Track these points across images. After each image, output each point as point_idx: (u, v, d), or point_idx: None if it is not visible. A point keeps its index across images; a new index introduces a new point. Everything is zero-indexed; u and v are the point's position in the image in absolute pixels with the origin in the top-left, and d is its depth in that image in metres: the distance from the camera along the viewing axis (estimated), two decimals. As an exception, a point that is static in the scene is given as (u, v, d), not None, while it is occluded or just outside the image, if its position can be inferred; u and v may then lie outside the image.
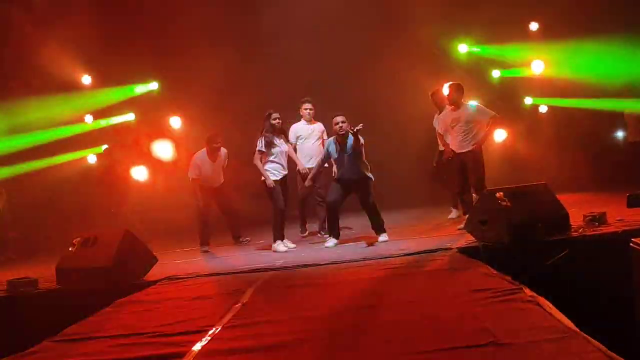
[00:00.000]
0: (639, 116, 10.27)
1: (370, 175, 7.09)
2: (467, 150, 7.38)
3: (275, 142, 7.35)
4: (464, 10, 10.60)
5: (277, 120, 7.40)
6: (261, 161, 7.30)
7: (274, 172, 7.34)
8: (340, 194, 7.09)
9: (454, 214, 8.54)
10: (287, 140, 7.67)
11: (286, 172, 7.54)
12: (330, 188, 7.25)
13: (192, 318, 4.14)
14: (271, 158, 7.33)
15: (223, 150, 8.40)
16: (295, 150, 8.07)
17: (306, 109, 8.25)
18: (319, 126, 8.34)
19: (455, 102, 7.47)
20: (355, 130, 6.70)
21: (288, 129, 8.07)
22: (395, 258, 5.77)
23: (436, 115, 8.36)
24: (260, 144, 7.29)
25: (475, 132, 7.41)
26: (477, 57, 11.29)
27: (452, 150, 7.57)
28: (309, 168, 7.74)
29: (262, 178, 7.28)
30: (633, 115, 10.33)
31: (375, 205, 7.08)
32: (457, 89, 7.50)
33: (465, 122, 7.40)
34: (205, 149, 8.35)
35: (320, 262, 6.02)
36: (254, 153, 7.30)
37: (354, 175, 7.03)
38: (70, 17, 10.39)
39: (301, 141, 8.21)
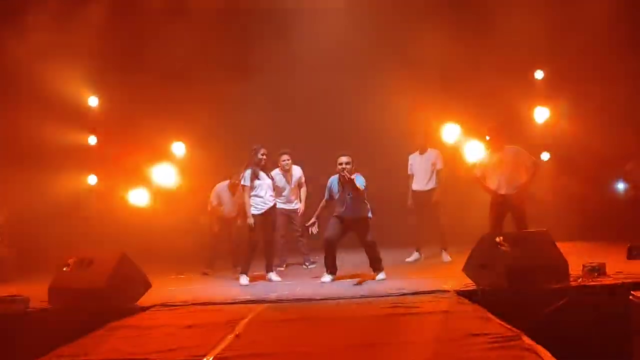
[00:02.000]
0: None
1: (370, 214, 7.09)
2: None
3: (260, 177, 7.45)
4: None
5: (264, 156, 7.55)
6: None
7: (256, 206, 7.44)
8: (338, 231, 7.09)
9: (414, 256, 8.92)
10: (269, 176, 7.77)
11: (271, 204, 7.62)
12: (328, 223, 7.23)
13: (184, 346, 4.07)
14: (254, 192, 7.43)
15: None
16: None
17: (284, 161, 8.64)
18: (296, 172, 8.79)
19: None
20: (349, 178, 6.79)
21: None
22: (392, 297, 5.71)
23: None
24: (244, 178, 7.43)
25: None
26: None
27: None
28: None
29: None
30: (636, 170, 10.37)
31: (375, 244, 7.07)
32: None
33: None
34: (228, 181, 9.01)
35: (316, 297, 5.96)
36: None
37: (355, 215, 7.04)
38: (74, 38, 10.49)
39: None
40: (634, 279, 5.41)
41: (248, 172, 7.46)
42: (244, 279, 7.43)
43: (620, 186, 11.63)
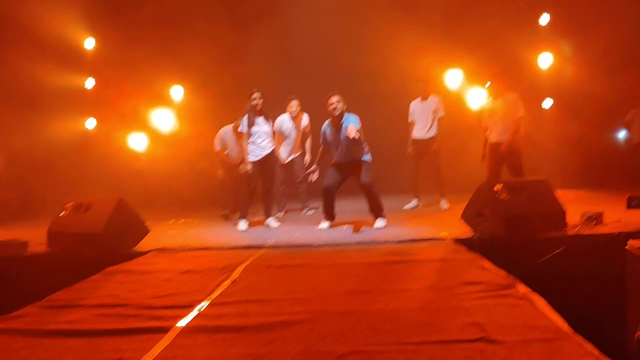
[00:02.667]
0: None
1: (367, 157, 6.99)
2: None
3: (257, 123, 7.33)
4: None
5: (258, 100, 7.38)
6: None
7: (252, 153, 7.39)
8: (336, 179, 7.01)
9: (412, 203, 8.93)
10: (267, 120, 7.57)
11: (269, 151, 7.52)
12: (327, 171, 7.17)
13: (180, 292, 4.09)
14: (251, 139, 7.37)
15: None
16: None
17: (293, 107, 8.68)
18: (304, 120, 8.84)
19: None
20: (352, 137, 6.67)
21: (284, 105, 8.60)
22: (389, 244, 5.72)
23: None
24: (242, 125, 7.36)
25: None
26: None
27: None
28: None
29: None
30: (638, 116, 10.25)
31: (372, 187, 6.95)
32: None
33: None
34: (233, 124, 8.74)
35: (314, 243, 5.98)
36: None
37: (351, 158, 6.93)
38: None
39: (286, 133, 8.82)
40: (631, 229, 5.38)
41: (245, 119, 7.35)
42: (242, 225, 7.44)
43: (622, 134, 11.55)
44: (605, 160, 10.17)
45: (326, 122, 7.13)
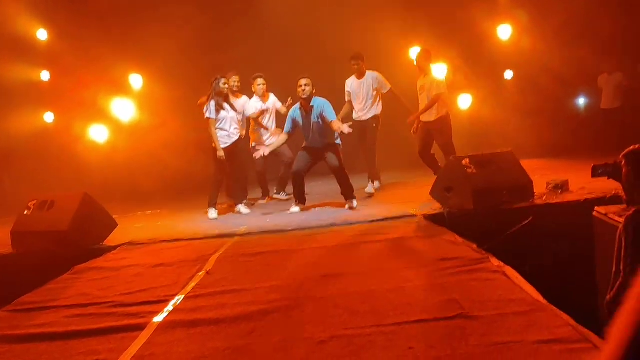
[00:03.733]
0: (616, 83, 10.37)
1: (338, 141, 6.98)
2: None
3: (225, 108, 7.21)
4: None
5: (226, 86, 7.26)
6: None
7: (220, 140, 7.22)
8: (306, 163, 6.99)
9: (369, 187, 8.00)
10: (233, 107, 7.43)
11: (236, 138, 7.39)
12: (297, 155, 7.12)
13: (153, 287, 4.03)
14: (219, 125, 7.21)
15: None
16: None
17: (259, 85, 8.01)
18: (271, 100, 8.16)
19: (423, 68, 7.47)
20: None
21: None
22: (362, 225, 5.73)
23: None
24: (210, 110, 7.16)
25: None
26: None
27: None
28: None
29: (213, 145, 7.20)
30: (611, 81, 10.41)
31: (344, 171, 6.97)
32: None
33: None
34: None
35: (286, 228, 5.94)
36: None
37: (322, 143, 6.92)
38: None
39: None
40: (596, 195, 5.49)
41: (212, 104, 7.17)
42: (212, 213, 7.34)
43: (582, 101, 11.75)
44: (566, 129, 10.34)
45: (294, 108, 7.06)
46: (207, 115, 7.18)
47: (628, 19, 9.96)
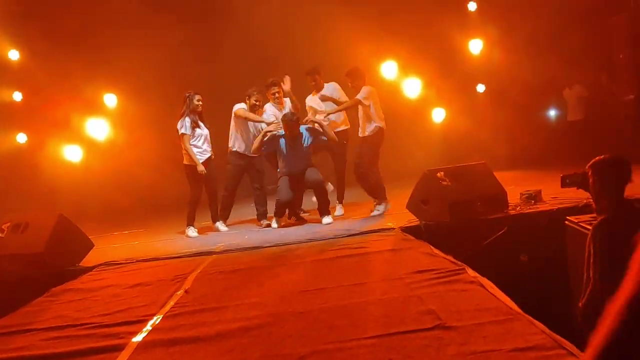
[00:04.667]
0: (579, 95, 10.63)
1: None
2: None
3: (199, 126, 7.20)
4: None
5: (200, 102, 7.19)
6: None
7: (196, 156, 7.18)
8: (291, 191, 7.05)
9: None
10: (206, 124, 7.34)
11: (209, 155, 7.31)
12: (280, 184, 7.04)
13: (131, 307, 4.01)
14: (192, 142, 7.15)
15: None
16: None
17: (274, 93, 7.48)
18: (287, 107, 7.55)
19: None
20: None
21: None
22: (339, 239, 5.76)
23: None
24: (185, 127, 7.10)
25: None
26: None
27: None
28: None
29: (187, 162, 7.18)
30: (573, 94, 10.68)
31: (323, 184, 7.03)
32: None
33: None
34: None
35: (263, 244, 5.95)
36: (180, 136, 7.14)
37: (305, 166, 7.01)
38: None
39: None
40: (568, 204, 5.61)
41: (187, 120, 7.10)
42: (192, 231, 7.29)
43: (553, 113, 12.00)
44: (537, 140, 10.54)
45: (279, 137, 7.04)
46: (182, 131, 7.11)
47: (592, 30, 10.24)
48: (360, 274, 4.29)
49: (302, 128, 7.00)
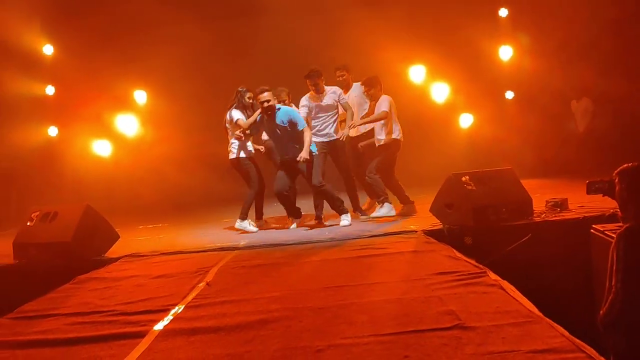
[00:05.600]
0: (585, 108, 10.49)
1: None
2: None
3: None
4: None
5: (251, 100, 7.11)
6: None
7: (246, 150, 7.18)
8: (285, 179, 6.79)
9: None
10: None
11: (252, 152, 7.35)
12: (277, 174, 6.95)
13: (154, 297, 4.07)
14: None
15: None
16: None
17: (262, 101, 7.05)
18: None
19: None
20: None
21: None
22: (361, 239, 5.77)
23: None
24: (240, 117, 6.97)
25: None
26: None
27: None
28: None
29: (234, 156, 7.12)
30: (580, 106, 10.54)
31: (324, 187, 6.73)
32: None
33: None
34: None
35: (287, 241, 5.99)
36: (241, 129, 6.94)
37: (293, 155, 6.72)
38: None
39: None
40: (594, 213, 5.53)
41: (238, 112, 7.01)
42: (248, 225, 7.05)
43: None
44: (564, 149, 10.40)
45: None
46: (238, 117, 6.96)
47: (625, 38, 10.07)
48: (381, 274, 4.30)
49: (281, 113, 6.73)
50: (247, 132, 7.03)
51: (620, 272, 3.13)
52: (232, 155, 7.18)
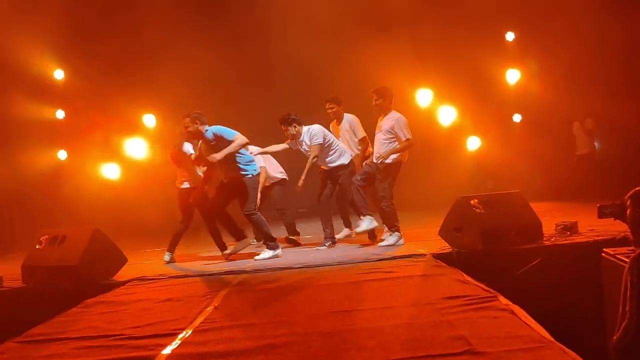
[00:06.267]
0: (589, 129, 10.46)
1: (248, 172, 6.64)
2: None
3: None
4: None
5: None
6: None
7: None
8: (217, 199, 6.84)
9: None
10: None
11: None
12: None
13: (162, 321, 4.04)
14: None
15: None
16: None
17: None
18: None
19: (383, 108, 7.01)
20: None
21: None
22: (369, 263, 5.74)
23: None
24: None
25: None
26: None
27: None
28: None
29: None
30: (583, 128, 10.51)
31: (253, 217, 6.67)
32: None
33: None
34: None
35: (293, 265, 5.96)
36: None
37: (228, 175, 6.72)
38: (38, 10, 10.14)
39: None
40: (605, 237, 5.49)
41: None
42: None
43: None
44: (572, 172, 10.37)
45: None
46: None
47: (633, 61, 10.09)
48: (390, 298, 4.26)
49: (208, 133, 6.64)
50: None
51: (635, 297, 3.09)
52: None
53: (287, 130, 7.09)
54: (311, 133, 7.01)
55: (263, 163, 7.69)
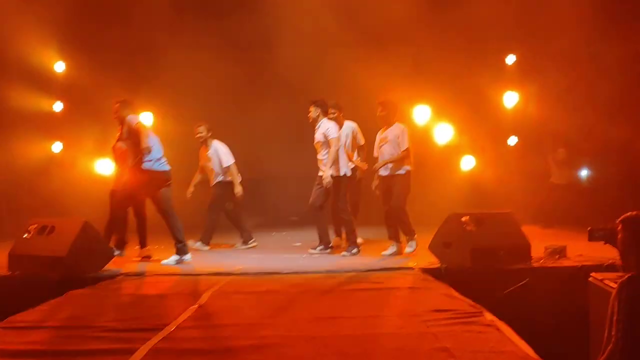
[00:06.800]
0: (563, 159, 10.48)
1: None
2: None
3: None
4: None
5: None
6: None
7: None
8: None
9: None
10: None
11: None
12: None
13: (145, 315, 4.03)
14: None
15: None
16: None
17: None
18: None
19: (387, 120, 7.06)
20: None
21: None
22: (358, 273, 5.73)
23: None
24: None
25: None
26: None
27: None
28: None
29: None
30: (556, 158, 10.53)
31: (166, 216, 6.94)
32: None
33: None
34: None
35: (282, 270, 5.95)
36: None
37: None
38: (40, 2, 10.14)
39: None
40: (593, 262, 5.52)
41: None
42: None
43: (584, 172, 11.83)
44: (568, 196, 10.38)
45: None
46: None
47: (631, 83, 10.11)
48: (376, 308, 4.26)
49: None
50: None
51: (621, 322, 3.10)
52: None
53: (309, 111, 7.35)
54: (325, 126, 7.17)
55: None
